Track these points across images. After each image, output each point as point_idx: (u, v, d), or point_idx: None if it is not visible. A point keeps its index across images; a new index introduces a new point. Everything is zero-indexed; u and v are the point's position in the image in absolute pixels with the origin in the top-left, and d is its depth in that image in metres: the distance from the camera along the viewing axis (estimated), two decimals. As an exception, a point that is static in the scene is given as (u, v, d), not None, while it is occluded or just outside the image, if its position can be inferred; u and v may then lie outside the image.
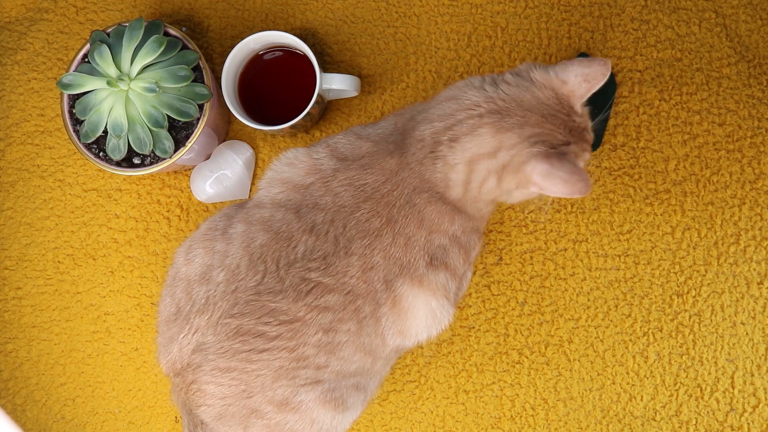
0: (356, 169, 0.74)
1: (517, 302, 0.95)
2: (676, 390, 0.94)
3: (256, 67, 0.96)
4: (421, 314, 0.74)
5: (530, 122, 0.69)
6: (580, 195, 0.67)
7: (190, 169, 0.99)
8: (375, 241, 0.72)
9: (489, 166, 0.70)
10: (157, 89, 0.84)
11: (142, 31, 0.86)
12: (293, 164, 0.77)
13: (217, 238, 0.76)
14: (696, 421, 0.93)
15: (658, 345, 0.94)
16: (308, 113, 0.90)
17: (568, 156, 0.69)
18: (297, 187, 0.75)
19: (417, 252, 0.72)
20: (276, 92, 0.96)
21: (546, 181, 0.67)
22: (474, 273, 0.96)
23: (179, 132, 0.89)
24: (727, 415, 0.93)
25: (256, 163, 0.99)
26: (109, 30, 0.89)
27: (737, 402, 0.93)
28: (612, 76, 0.97)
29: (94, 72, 0.87)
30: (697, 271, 0.95)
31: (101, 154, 0.89)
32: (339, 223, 0.72)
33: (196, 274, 0.75)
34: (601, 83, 0.71)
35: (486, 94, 0.70)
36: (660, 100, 0.97)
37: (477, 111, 0.69)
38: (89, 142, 0.88)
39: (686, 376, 0.94)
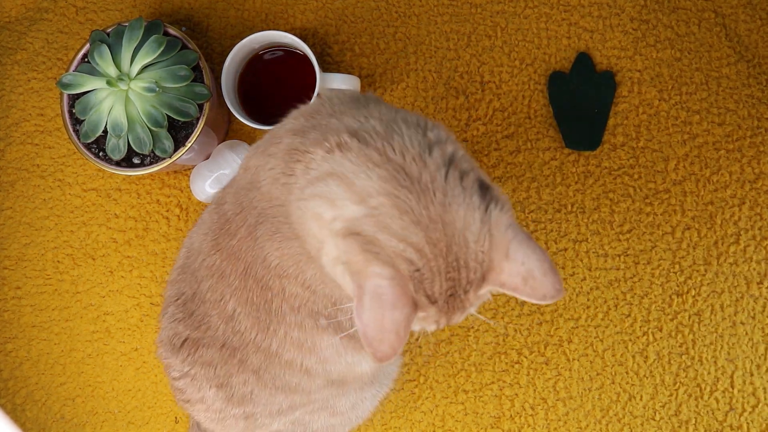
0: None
1: (517, 302, 0.95)
2: (675, 390, 0.94)
3: (256, 67, 0.96)
4: None
5: None
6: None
7: (189, 169, 0.99)
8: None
9: None
10: (157, 89, 0.84)
11: (141, 31, 0.86)
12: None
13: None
14: (696, 421, 0.93)
15: (658, 345, 0.94)
16: (308, 113, 0.90)
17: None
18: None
19: None
20: (276, 92, 0.96)
21: None
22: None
23: (179, 132, 0.89)
24: (726, 415, 0.93)
25: (256, 162, 0.99)
26: (109, 30, 0.89)
27: (737, 402, 0.93)
28: (612, 76, 0.97)
29: (93, 72, 0.87)
30: (697, 271, 0.95)
31: (101, 153, 0.89)
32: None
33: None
34: None
35: None
36: (659, 100, 0.97)
37: None
38: (89, 141, 0.88)
39: (686, 376, 0.94)
